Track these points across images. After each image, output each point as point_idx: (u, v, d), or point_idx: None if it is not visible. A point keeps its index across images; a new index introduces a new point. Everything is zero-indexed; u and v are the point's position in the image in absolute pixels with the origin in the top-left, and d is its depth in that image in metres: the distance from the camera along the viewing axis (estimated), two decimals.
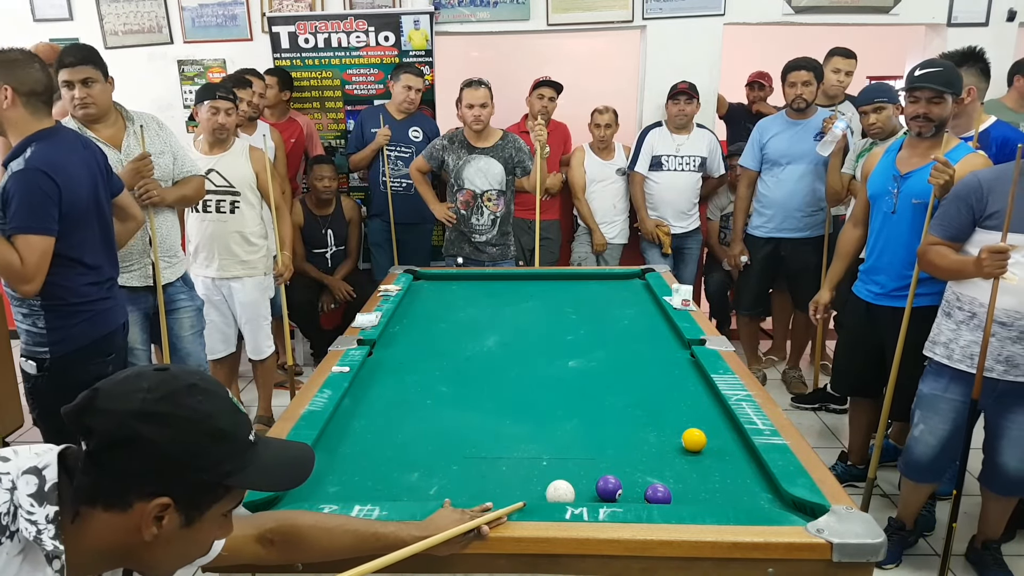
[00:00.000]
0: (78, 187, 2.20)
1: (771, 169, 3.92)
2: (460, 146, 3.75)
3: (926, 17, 4.38)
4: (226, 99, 3.28)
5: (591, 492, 1.60)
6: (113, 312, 2.39)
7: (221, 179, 3.34)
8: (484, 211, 3.78)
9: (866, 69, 5.14)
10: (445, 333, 2.70)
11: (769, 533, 1.39)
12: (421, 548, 1.32)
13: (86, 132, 2.71)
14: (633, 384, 2.20)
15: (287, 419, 1.89)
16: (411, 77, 4.12)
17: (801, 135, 3.79)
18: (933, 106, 2.53)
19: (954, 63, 2.68)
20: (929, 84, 2.50)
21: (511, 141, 3.78)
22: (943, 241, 2.38)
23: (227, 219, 3.39)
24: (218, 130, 3.29)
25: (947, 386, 2.43)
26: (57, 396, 2.24)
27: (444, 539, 1.34)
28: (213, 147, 3.36)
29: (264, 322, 3.63)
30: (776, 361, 4.54)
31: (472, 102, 3.63)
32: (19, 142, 2.18)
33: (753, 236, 4.06)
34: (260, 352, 3.65)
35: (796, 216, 3.89)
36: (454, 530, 1.35)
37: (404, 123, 4.21)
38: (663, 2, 4.37)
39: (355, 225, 4.44)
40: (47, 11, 4.58)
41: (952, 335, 2.39)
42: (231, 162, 3.38)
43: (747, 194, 4.06)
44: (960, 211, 2.32)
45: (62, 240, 2.16)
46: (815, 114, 3.81)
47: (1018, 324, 2.25)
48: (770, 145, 3.89)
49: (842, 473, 3.16)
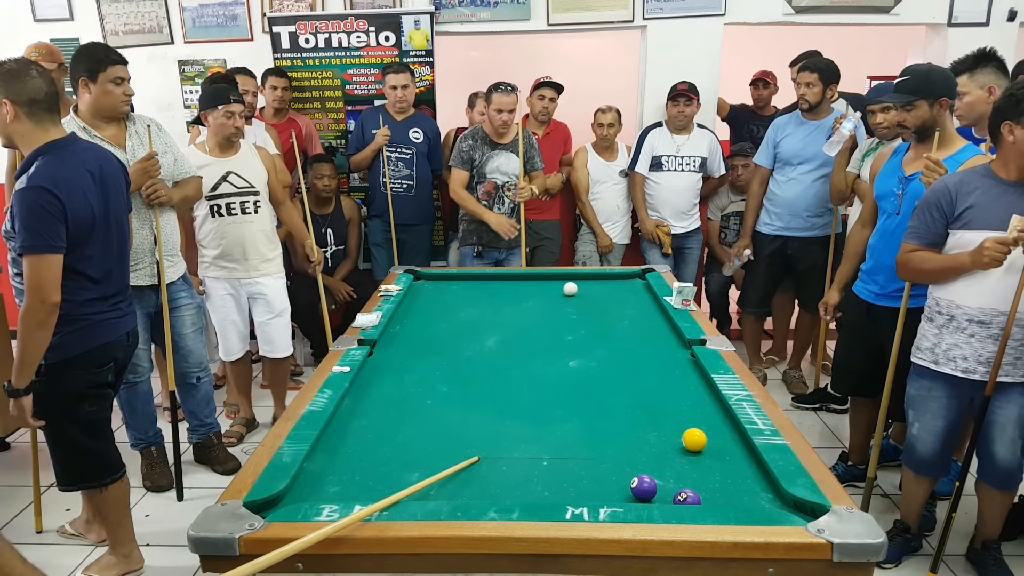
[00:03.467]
0: (84, 202, 2.18)
1: (783, 168, 3.91)
2: (483, 143, 3.93)
3: (926, 17, 4.38)
4: (239, 102, 3.28)
5: (591, 492, 1.60)
6: (114, 323, 2.36)
7: (241, 180, 3.35)
8: (505, 200, 3.98)
9: (866, 69, 5.15)
10: (445, 333, 2.70)
11: (769, 533, 1.38)
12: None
13: (91, 132, 2.72)
14: (633, 384, 2.20)
15: (287, 419, 1.89)
16: (393, 76, 4.12)
17: (814, 136, 3.77)
18: (906, 113, 2.62)
19: (968, 67, 2.71)
20: (890, 98, 2.68)
21: (526, 136, 3.99)
22: (922, 248, 2.41)
23: (252, 219, 3.40)
24: (233, 134, 3.29)
25: (931, 386, 2.46)
26: (54, 402, 2.26)
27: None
28: (225, 150, 3.35)
29: (288, 319, 3.64)
30: (777, 361, 4.54)
31: (502, 107, 3.79)
32: (27, 156, 2.19)
33: (760, 233, 4.06)
34: (283, 350, 3.65)
35: (803, 216, 3.88)
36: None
37: (404, 124, 4.21)
38: (663, 2, 4.37)
39: (355, 225, 4.44)
40: (47, 11, 4.58)
41: (935, 339, 2.42)
42: (246, 163, 3.39)
43: (760, 191, 4.04)
44: (933, 217, 2.36)
45: (66, 252, 2.16)
46: (829, 115, 3.78)
47: (996, 321, 2.28)
48: (783, 144, 3.89)
49: (842, 473, 3.16)
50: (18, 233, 2.11)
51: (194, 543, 1.41)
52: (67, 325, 2.21)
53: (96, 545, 2.76)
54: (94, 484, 2.45)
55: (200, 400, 3.31)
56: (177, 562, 2.63)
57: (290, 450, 1.73)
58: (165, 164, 2.90)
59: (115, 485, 2.48)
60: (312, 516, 1.45)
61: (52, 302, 2.12)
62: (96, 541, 2.77)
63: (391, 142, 4.16)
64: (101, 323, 2.31)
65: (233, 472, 3.26)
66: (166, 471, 3.21)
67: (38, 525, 2.89)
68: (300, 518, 1.45)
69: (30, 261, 2.10)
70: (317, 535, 1.34)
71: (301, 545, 1.32)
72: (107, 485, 2.45)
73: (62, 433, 2.34)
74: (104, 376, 2.36)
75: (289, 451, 1.73)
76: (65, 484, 2.45)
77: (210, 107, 3.25)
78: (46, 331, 2.14)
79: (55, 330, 2.18)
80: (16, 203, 2.11)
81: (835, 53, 4.07)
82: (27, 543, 2.77)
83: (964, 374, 2.37)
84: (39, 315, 2.12)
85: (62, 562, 2.68)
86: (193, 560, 1.48)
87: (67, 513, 2.94)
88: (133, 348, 2.54)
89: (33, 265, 2.10)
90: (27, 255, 2.10)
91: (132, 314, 2.49)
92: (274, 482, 1.59)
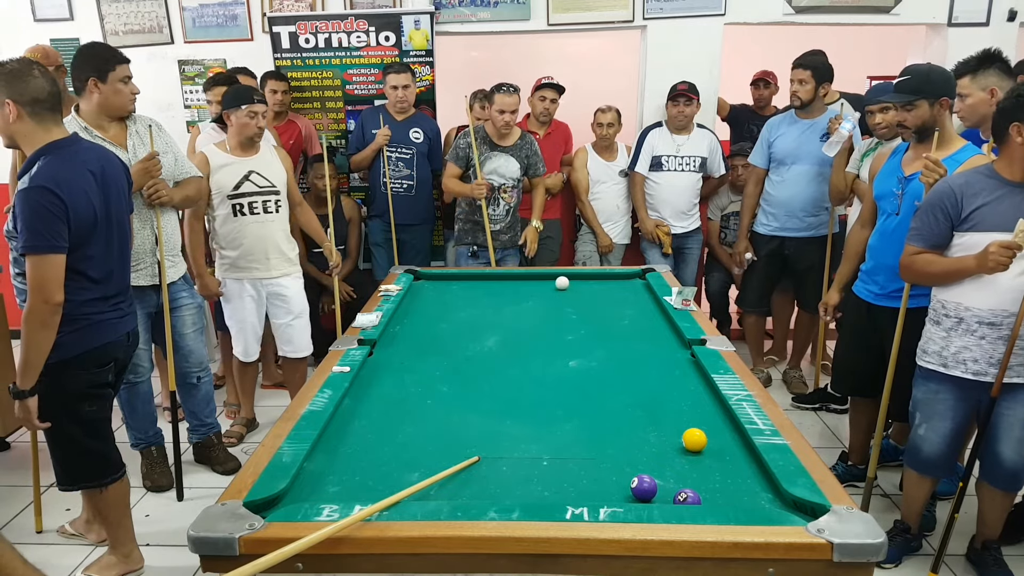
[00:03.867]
0: (86, 201, 2.18)
1: (777, 168, 3.92)
2: (483, 142, 3.92)
3: (926, 17, 4.38)
4: (262, 102, 3.28)
5: (591, 492, 1.60)
6: (114, 323, 2.36)
7: (263, 180, 3.34)
8: (500, 202, 3.99)
9: (866, 69, 5.15)
10: (445, 333, 2.70)
11: (769, 533, 1.38)
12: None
13: (93, 133, 2.72)
14: (633, 384, 2.20)
15: (288, 419, 1.89)
16: (394, 76, 4.12)
17: (808, 135, 3.77)
18: (907, 113, 2.61)
19: (971, 68, 2.70)
20: (891, 98, 2.67)
21: (528, 143, 4.01)
22: (926, 250, 2.40)
23: (274, 218, 3.40)
24: (256, 134, 3.28)
25: (939, 388, 2.45)
26: (54, 402, 2.26)
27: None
28: (247, 150, 3.34)
29: (307, 319, 3.64)
30: (777, 361, 4.54)
31: (504, 108, 3.79)
32: (29, 156, 2.19)
33: (757, 234, 4.07)
34: (305, 349, 3.64)
35: (799, 216, 3.89)
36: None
37: (404, 124, 4.21)
38: (663, 2, 4.37)
39: (355, 225, 4.44)
40: (47, 11, 4.58)
41: (943, 342, 2.41)
42: (267, 162, 3.39)
43: (755, 192, 4.05)
44: (938, 219, 2.35)
45: (67, 252, 2.16)
46: (823, 114, 3.79)
47: (1008, 323, 2.27)
48: (777, 144, 3.89)
49: (842, 473, 3.16)
50: (20, 233, 2.11)
51: (194, 543, 1.41)
52: (67, 325, 2.21)
53: (96, 545, 2.77)
54: (94, 484, 2.45)
55: (200, 400, 3.31)
56: (177, 562, 2.63)
57: (290, 450, 1.73)
58: (166, 164, 2.90)
59: (115, 485, 2.48)
60: (312, 516, 1.45)
61: (55, 302, 2.12)
62: (96, 541, 2.77)
63: (391, 142, 4.16)
64: (101, 323, 2.31)
65: (233, 472, 3.26)
66: (166, 471, 3.21)
67: (38, 525, 2.89)
68: (300, 518, 1.45)
69: (32, 261, 2.10)
70: (318, 535, 1.34)
71: (302, 545, 1.32)
72: (107, 485, 2.46)
73: (62, 433, 2.34)
74: (104, 376, 2.36)
75: (289, 451, 1.73)
76: (65, 484, 2.45)
77: (233, 107, 3.24)
78: (50, 331, 2.14)
79: (58, 330, 2.18)
80: (18, 203, 2.12)
81: (835, 53, 4.07)
82: (27, 543, 2.77)
83: (976, 376, 2.35)
84: (42, 315, 2.12)
85: (62, 562, 2.68)
86: (193, 560, 1.48)
87: (67, 513, 2.94)
88: (133, 348, 2.54)
89: (36, 265, 2.10)
90: (29, 255, 2.10)
91: (132, 314, 2.49)
92: (274, 482, 1.59)
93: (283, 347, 3.63)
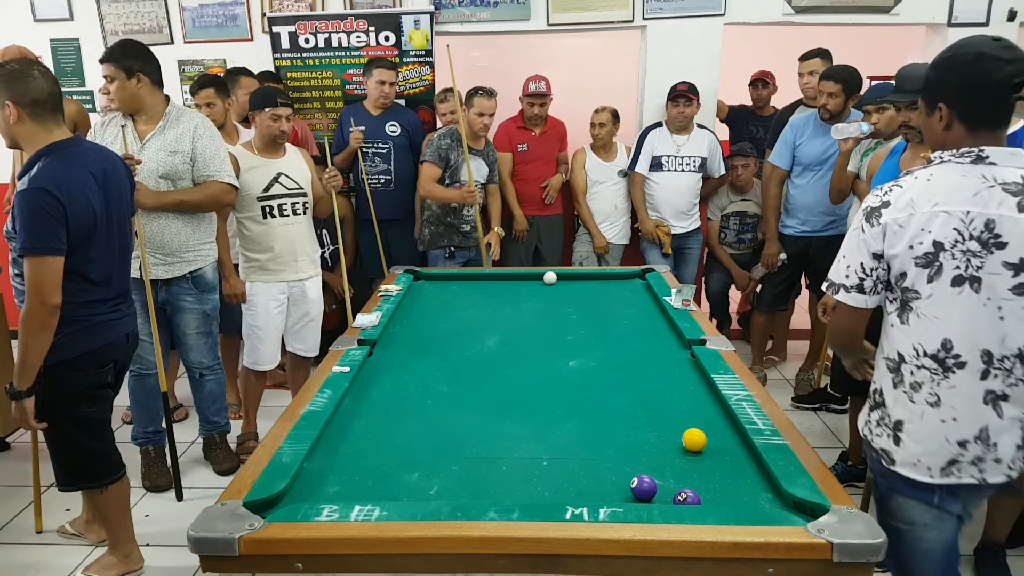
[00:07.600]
0: (86, 203, 2.18)
1: (802, 173, 3.86)
2: (458, 144, 3.93)
3: (926, 17, 4.38)
4: (288, 106, 3.27)
5: (591, 492, 1.60)
6: (113, 324, 2.36)
7: (292, 182, 3.33)
8: (468, 208, 4.04)
9: (866, 69, 5.12)
10: (445, 333, 2.70)
11: (769, 533, 1.38)
12: None
13: (127, 122, 2.87)
14: (633, 384, 2.20)
15: (287, 419, 1.89)
16: (383, 71, 4.09)
17: (837, 145, 3.73)
18: (912, 113, 2.59)
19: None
20: (895, 98, 2.67)
21: (492, 148, 4.17)
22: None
23: (302, 220, 3.39)
24: (279, 136, 3.27)
25: None
26: (54, 402, 2.26)
27: None
28: (273, 152, 3.32)
29: (320, 320, 3.62)
30: (776, 361, 4.53)
31: (483, 111, 3.86)
32: (30, 158, 2.19)
33: (784, 235, 4.01)
34: (314, 349, 3.63)
35: (821, 216, 3.85)
36: None
37: (380, 119, 4.17)
38: (663, 2, 4.37)
39: (349, 224, 4.42)
40: (47, 11, 4.59)
41: None
42: (294, 164, 3.38)
43: (778, 193, 3.98)
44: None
45: (67, 254, 2.15)
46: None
47: None
48: (802, 148, 3.83)
49: (842, 473, 3.15)
50: (19, 235, 2.11)
51: (194, 543, 1.41)
52: (67, 326, 2.21)
53: (96, 545, 2.76)
54: (94, 484, 2.45)
55: (205, 397, 3.31)
56: (177, 562, 2.63)
57: (290, 450, 1.73)
58: (170, 162, 2.88)
59: (115, 485, 2.48)
60: (312, 516, 1.45)
61: (53, 304, 2.12)
62: (96, 541, 2.77)
63: (368, 138, 4.13)
64: (101, 324, 2.31)
65: (232, 472, 3.26)
66: (164, 471, 3.20)
67: (38, 525, 2.88)
68: (300, 518, 1.45)
69: (31, 263, 2.10)
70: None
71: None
72: (107, 485, 2.45)
73: (62, 433, 2.34)
74: (104, 377, 2.36)
75: (289, 451, 1.73)
76: (65, 484, 2.45)
77: (257, 109, 3.24)
78: (47, 333, 2.14)
79: (57, 331, 2.17)
80: (17, 204, 2.11)
81: (835, 53, 4.08)
82: (27, 543, 2.77)
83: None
84: (40, 317, 2.12)
85: (62, 562, 2.68)
86: (193, 560, 1.48)
87: (67, 513, 2.94)
88: (133, 349, 2.53)
89: (34, 267, 2.10)
90: (28, 257, 2.10)
91: (132, 315, 2.49)
92: (274, 482, 1.59)
93: (294, 344, 3.58)
